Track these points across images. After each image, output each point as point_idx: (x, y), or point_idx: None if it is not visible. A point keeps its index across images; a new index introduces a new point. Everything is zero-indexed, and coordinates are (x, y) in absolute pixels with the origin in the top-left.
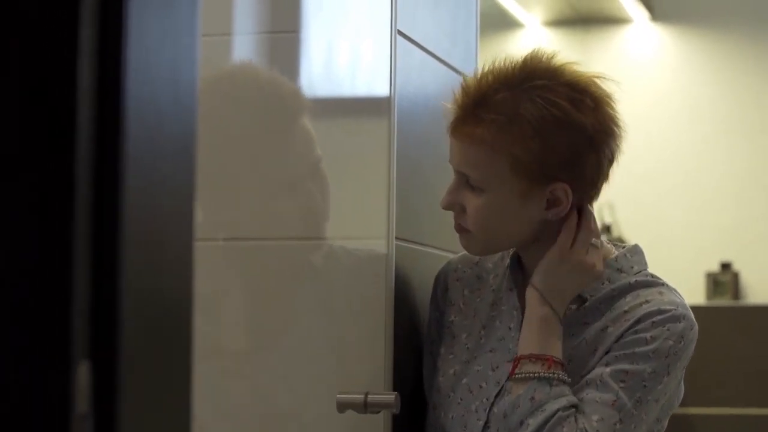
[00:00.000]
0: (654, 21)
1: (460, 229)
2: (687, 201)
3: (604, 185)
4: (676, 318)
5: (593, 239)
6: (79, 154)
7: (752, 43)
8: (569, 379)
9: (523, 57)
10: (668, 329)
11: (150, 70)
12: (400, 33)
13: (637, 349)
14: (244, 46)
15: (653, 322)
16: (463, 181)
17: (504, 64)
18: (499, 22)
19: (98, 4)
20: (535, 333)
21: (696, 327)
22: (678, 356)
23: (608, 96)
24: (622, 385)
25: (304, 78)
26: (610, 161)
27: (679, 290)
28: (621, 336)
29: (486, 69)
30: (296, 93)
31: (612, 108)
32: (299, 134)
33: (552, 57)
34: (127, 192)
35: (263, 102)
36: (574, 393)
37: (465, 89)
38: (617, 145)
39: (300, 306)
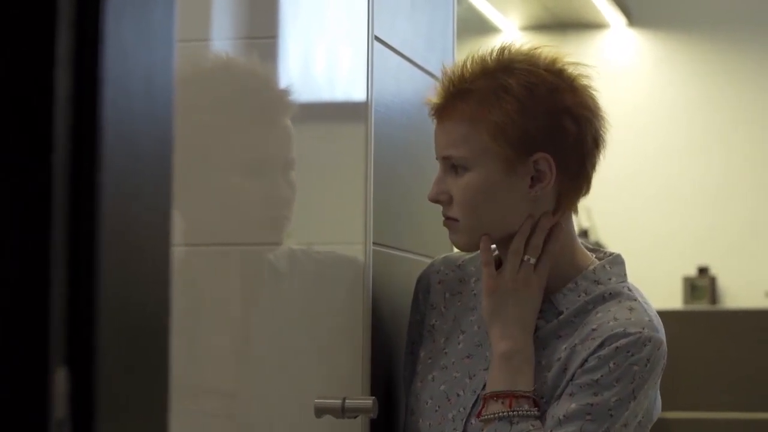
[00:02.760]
0: (631, 26)
1: (448, 221)
2: (664, 205)
3: (592, 173)
4: (642, 342)
5: (526, 257)
6: (56, 161)
7: (729, 48)
8: (535, 411)
9: (500, 45)
10: (632, 355)
11: (127, 77)
12: (377, 39)
13: (600, 378)
14: (223, 51)
15: (617, 347)
16: (448, 168)
17: (481, 53)
18: (476, 27)
19: (75, 11)
20: (496, 371)
21: (664, 344)
22: (644, 379)
23: (587, 79)
24: (588, 417)
25: (282, 83)
26: (596, 143)
27: (656, 295)
28: (585, 360)
29: (465, 58)
30: (285, 92)
31: (590, 92)
32: (280, 132)
33: (527, 45)
34: (104, 199)
35: (254, 96)
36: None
37: (445, 74)
38: (601, 130)
39: (276, 312)
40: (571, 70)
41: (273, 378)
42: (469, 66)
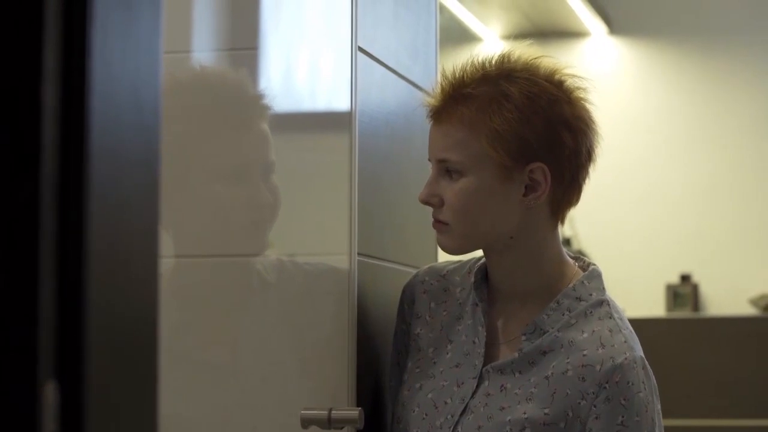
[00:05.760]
0: (612, 34)
1: (438, 224)
2: (647, 213)
3: (583, 185)
4: (632, 366)
5: None
6: (44, 173)
7: (710, 56)
8: None
9: (500, 53)
10: (633, 384)
11: (113, 89)
12: (361, 49)
13: (623, 419)
14: (196, 62)
15: (617, 382)
16: (442, 171)
17: (481, 59)
18: (457, 37)
19: (61, 25)
20: None
21: (643, 356)
22: (652, 394)
23: (584, 92)
24: None
25: (257, 89)
26: (589, 155)
27: (639, 302)
28: (594, 405)
29: (465, 62)
30: (259, 97)
31: (586, 105)
32: (257, 136)
33: (527, 54)
34: (92, 211)
35: (227, 103)
36: None
37: (445, 78)
38: (595, 143)
39: (262, 322)
40: (569, 82)
41: (259, 388)
42: (469, 71)
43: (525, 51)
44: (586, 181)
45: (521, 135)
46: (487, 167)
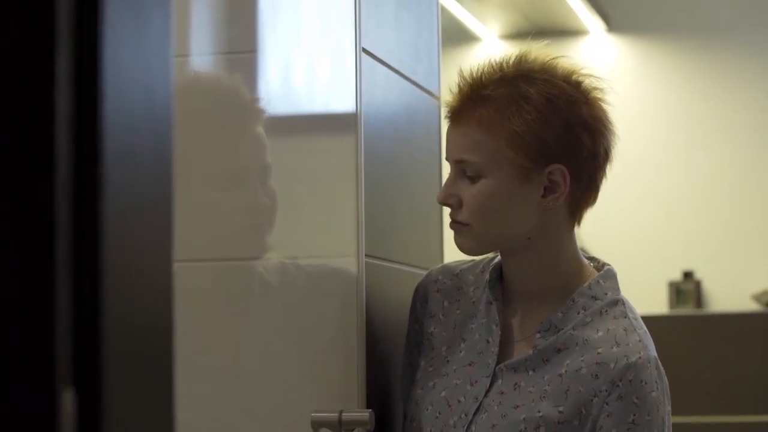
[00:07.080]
0: (610, 32)
1: (456, 224)
2: (648, 211)
3: (600, 186)
4: (646, 366)
5: None
6: (58, 180)
7: (709, 54)
8: None
9: (517, 53)
10: (646, 383)
11: (125, 94)
12: (365, 51)
13: (635, 417)
14: (202, 66)
15: (630, 381)
16: (461, 172)
17: (499, 59)
18: (457, 37)
19: (73, 31)
20: None
21: (656, 356)
22: (664, 395)
23: (601, 92)
24: None
25: (255, 94)
26: (606, 156)
27: (642, 300)
28: (606, 403)
29: (482, 63)
30: (254, 101)
31: (603, 105)
32: (253, 140)
33: (543, 54)
34: (106, 217)
35: (222, 107)
36: None
37: (463, 79)
38: (612, 144)
39: (267, 325)
40: (587, 82)
41: (266, 392)
42: (486, 72)
43: (542, 51)
44: (603, 181)
45: (540, 136)
46: (505, 169)
